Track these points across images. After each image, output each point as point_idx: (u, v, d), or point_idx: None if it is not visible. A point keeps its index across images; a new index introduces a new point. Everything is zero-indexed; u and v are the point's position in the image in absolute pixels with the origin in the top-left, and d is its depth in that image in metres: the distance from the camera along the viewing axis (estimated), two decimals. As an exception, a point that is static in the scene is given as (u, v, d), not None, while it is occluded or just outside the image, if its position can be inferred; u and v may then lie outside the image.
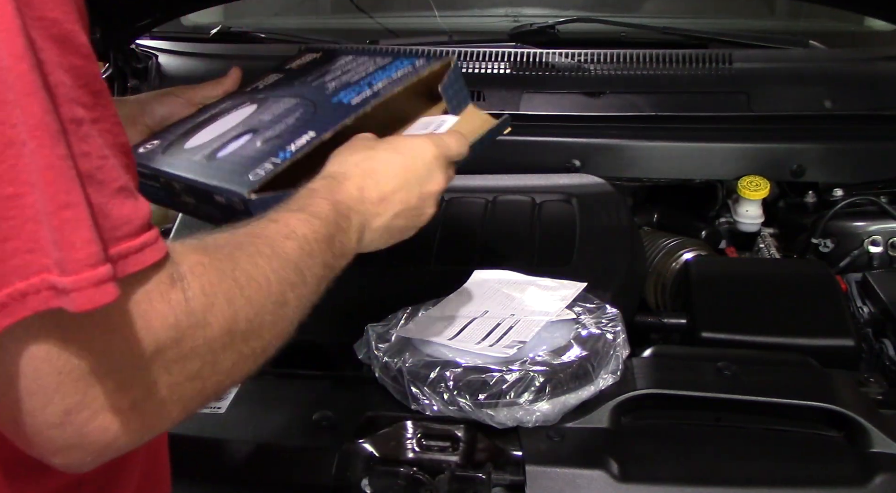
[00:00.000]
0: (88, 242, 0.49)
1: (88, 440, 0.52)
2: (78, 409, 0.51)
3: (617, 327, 1.05)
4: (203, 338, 0.56)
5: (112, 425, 0.53)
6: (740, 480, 0.92)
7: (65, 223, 0.48)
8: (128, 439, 0.54)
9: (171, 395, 0.56)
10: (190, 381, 0.57)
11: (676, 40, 1.74)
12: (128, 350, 0.52)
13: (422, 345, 1.03)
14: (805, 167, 1.54)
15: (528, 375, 0.96)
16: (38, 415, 0.51)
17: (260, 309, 0.62)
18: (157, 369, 0.54)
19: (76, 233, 0.48)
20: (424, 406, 0.97)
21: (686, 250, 1.49)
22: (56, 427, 0.51)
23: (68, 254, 0.48)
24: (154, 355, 0.53)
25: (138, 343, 0.52)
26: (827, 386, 1.01)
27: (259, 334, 0.62)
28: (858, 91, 1.60)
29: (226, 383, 0.61)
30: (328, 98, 0.96)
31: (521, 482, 0.91)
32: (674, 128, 1.59)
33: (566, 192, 1.45)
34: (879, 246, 1.45)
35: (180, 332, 0.54)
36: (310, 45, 1.18)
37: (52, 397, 0.50)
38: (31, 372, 0.50)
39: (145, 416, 0.55)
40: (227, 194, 0.84)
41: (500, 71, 1.66)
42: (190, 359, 0.56)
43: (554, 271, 1.19)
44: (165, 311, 0.53)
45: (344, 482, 0.94)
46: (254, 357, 0.62)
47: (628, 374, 1.02)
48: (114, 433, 0.53)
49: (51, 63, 0.49)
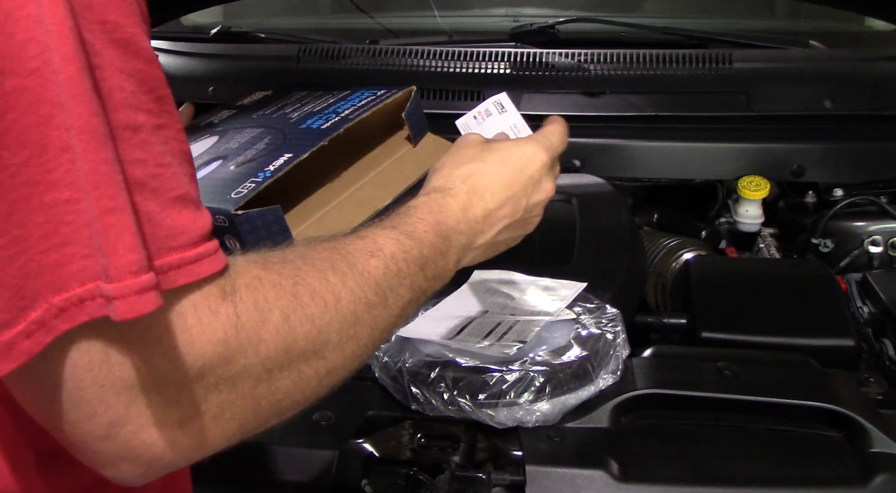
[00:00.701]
0: (131, 249, 0.47)
1: (135, 454, 0.51)
2: (122, 422, 0.50)
3: (617, 327, 1.05)
4: (256, 356, 0.54)
5: (158, 441, 0.51)
6: (740, 480, 0.92)
7: (108, 229, 0.47)
8: (176, 456, 0.53)
9: (222, 413, 0.54)
10: (243, 400, 0.54)
11: (676, 40, 1.74)
12: (171, 365, 0.50)
13: (421, 345, 1.03)
14: (805, 167, 1.54)
15: (528, 375, 0.96)
16: (83, 426, 0.50)
17: (324, 328, 0.58)
18: (204, 387, 0.52)
19: (119, 239, 0.47)
20: (424, 406, 0.97)
21: (686, 250, 1.49)
22: (102, 440, 0.50)
23: (111, 260, 0.47)
24: (201, 372, 0.51)
25: (182, 358, 0.50)
26: (827, 386, 1.01)
27: (322, 354, 0.59)
28: (858, 91, 1.60)
29: (286, 404, 0.58)
30: (295, 125, 0.96)
31: (521, 482, 0.91)
32: (674, 128, 1.59)
33: (566, 192, 1.45)
34: (879, 246, 1.45)
35: (230, 349, 0.52)
36: (257, 87, 1.19)
37: (96, 408, 0.49)
38: (74, 382, 0.49)
39: (194, 434, 0.53)
40: (212, 213, 0.84)
41: (500, 71, 1.66)
42: (242, 378, 0.53)
43: (554, 271, 1.19)
44: (214, 325, 0.51)
45: (344, 482, 0.94)
46: (318, 379, 0.59)
47: (628, 374, 1.02)
48: (161, 449, 0.52)
49: (109, 67, 0.48)
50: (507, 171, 0.82)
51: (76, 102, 0.46)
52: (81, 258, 0.47)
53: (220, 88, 1.66)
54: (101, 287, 0.47)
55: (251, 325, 0.53)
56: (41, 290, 0.47)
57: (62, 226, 0.46)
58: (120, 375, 0.49)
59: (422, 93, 1.64)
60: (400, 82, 1.65)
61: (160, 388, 0.50)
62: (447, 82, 1.64)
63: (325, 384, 0.60)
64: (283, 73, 1.71)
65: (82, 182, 0.46)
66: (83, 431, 0.50)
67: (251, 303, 0.54)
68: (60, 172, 0.46)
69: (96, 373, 0.49)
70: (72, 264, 0.47)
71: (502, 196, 0.81)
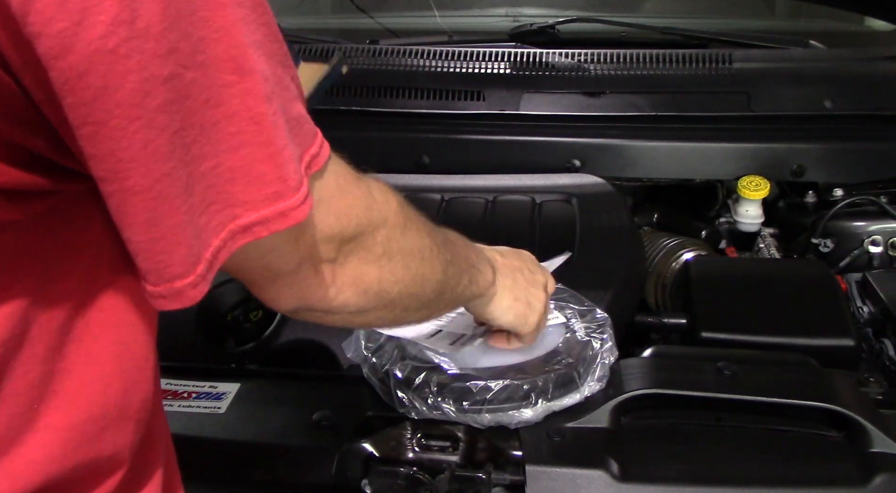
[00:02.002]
0: (295, 172, 0.56)
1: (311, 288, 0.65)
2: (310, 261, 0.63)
3: (605, 333, 1.04)
4: (385, 228, 0.68)
5: (326, 280, 0.65)
6: (740, 480, 0.92)
7: (287, 161, 0.55)
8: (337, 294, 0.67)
9: (360, 270, 0.68)
10: (370, 264, 0.68)
11: (676, 40, 1.74)
12: (337, 223, 0.63)
13: (410, 347, 1.03)
14: (805, 167, 1.54)
15: (513, 382, 0.96)
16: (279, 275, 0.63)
17: (427, 236, 0.75)
18: (343, 242, 0.65)
19: (289, 164, 0.55)
20: (409, 410, 0.97)
21: (686, 250, 1.49)
22: (291, 274, 0.63)
23: (284, 185, 0.55)
24: (350, 231, 0.65)
25: (342, 219, 0.64)
26: (827, 386, 1.01)
27: (422, 255, 0.74)
28: (858, 91, 1.60)
29: (399, 286, 0.72)
30: None
31: (521, 482, 0.91)
32: (674, 128, 1.59)
33: (566, 192, 1.45)
34: (879, 246, 1.45)
35: (371, 215, 0.66)
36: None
37: (290, 274, 0.62)
38: (276, 253, 0.60)
39: (346, 276, 0.67)
40: None
41: (500, 71, 1.66)
42: (369, 245, 0.67)
43: (553, 270, 1.19)
44: (357, 193, 0.65)
45: (344, 482, 0.94)
46: (416, 278, 0.74)
47: (628, 374, 1.02)
48: (325, 291, 0.66)
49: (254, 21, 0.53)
50: (518, 261, 0.97)
51: (253, 75, 0.52)
52: (226, 207, 0.53)
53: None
54: (282, 207, 0.55)
55: (380, 203, 0.67)
56: (204, 246, 0.53)
57: (209, 189, 0.52)
58: (307, 246, 0.61)
59: (422, 93, 1.64)
60: (400, 82, 1.66)
61: (325, 243, 0.63)
62: (447, 82, 1.64)
63: (421, 302, 0.77)
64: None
65: (234, 142, 0.52)
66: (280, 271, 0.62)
67: (376, 188, 0.68)
68: (210, 145, 0.52)
69: (289, 253, 0.61)
70: (219, 214, 0.53)
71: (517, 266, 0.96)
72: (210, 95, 0.50)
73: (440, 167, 1.57)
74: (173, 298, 0.53)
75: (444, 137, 1.61)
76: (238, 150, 0.52)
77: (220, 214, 0.53)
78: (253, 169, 0.53)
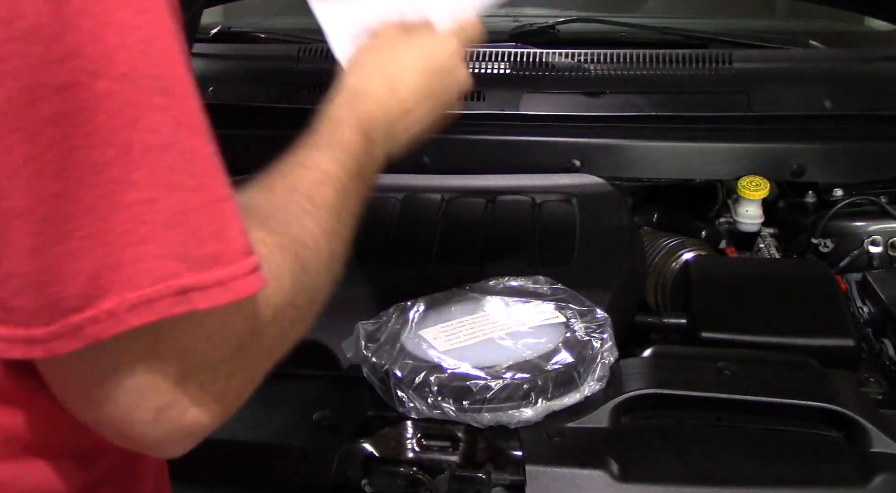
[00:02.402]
0: (241, 233, 0.51)
1: (182, 433, 0.54)
2: (170, 406, 0.52)
3: (605, 333, 1.04)
4: (277, 322, 0.57)
5: (202, 417, 0.54)
6: (740, 480, 0.92)
7: (224, 215, 0.50)
8: (214, 423, 0.55)
9: (249, 377, 0.58)
10: (263, 359, 0.59)
11: (676, 40, 1.74)
12: (215, 348, 0.53)
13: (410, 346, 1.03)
14: (805, 167, 1.54)
15: (513, 382, 0.96)
16: (132, 413, 0.51)
17: (318, 274, 0.63)
18: (239, 358, 0.55)
19: (234, 224, 0.50)
20: (409, 410, 0.97)
21: (686, 250, 1.48)
22: (150, 424, 0.52)
23: (227, 245, 0.49)
24: (237, 347, 0.54)
25: (224, 341, 0.53)
26: (827, 386, 1.01)
27: (318, 299, 0.64)
28: (858, 91, 1.60)
29: (287, 348, 0.62)
30: None
31: (521, 482, 0.91)
32: (674, 128, 1.59)
33: (566, 192, 1.45)
34: (879, 246, 1.45)
35: (259, 322, 0.55)
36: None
37: (146, 395, 0.51)
38: (128, 369, 0.50)
39: (228, 401, 0.56)
40: None
41: (500, 71, 1.66)
42: (265, 343, 0.57)
43: (554, 271, 1.19)
44: (247, 304, 0.54)
45: (344, 482, 0.94)
46: (311, 316, 0.64)
47: (628, 374, 1.02)
48: (205, 423, 0.54)
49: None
50: (422, 64, 0.85)
51: (189, 100, 0.48)
52: (156, 258, 0.48)
53: (220, 88, 1.66)
54: (184, 283, 0.48)
55: (273, 295, 0.56)
56: (116, 283, 0.47)
57: (141, 225, 0.47)
58: (172, 362, 0.51)
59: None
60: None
61: (205, 369, 0.53)
62: None
63: (314, 316, 0.65)
64: (283, 74, 1.70)
65: (171, 180, 0.48)
66: (131, 417, 0.52)
67: (269, 273, 0.54)
68: (143, 173, 0.47)
69: (149, 362, 0.50)
70: (148, 263, 0.48)
71: (420, 92, 0.84)
72: (136, 114, 0.46)
73: (440, 167, 1.57)
74: (70, 336, 0.47)
75: (444, 136, 1.61)
76: (176, 190, 0.48)
77: (158, 261, 0.48)
78: (190, 217, 0.48)
